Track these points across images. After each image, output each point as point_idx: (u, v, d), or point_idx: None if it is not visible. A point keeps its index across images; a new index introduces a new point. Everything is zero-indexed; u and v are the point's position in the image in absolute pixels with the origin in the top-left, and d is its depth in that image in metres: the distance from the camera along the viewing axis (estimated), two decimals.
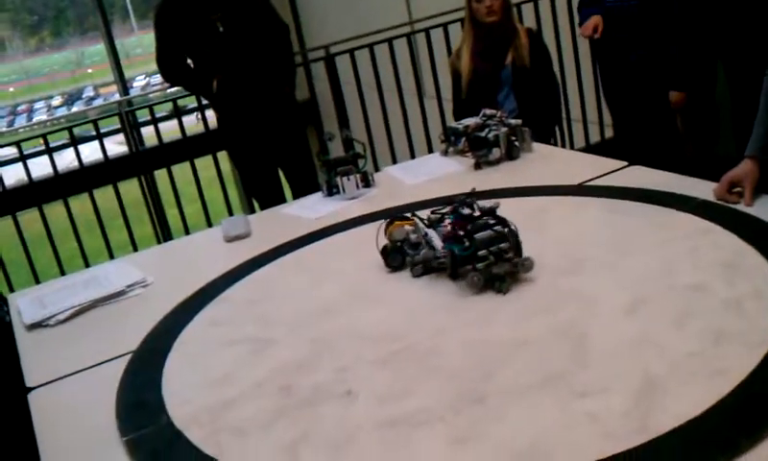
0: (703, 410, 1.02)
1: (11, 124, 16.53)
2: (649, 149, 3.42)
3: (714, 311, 1.28)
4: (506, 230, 1.52)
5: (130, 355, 1.58)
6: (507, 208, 1.98)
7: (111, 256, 4.00)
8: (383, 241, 1.72)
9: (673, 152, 3.60)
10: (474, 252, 1.51)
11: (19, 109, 18.93)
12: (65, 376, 1.56)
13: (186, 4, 3.32)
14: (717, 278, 1.38)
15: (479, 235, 1.51)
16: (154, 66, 3.58)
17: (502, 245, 1.51)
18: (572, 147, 4.49)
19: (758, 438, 0.96)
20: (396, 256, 1.70)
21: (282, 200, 3.51)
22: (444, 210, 1.66)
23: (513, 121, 2.46)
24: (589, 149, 4.46)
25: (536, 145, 2.50)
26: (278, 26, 3.54)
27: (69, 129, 4.17)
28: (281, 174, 3.69)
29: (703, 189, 1.80)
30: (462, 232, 1.53)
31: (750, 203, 1.66)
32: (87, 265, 3.97)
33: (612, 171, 2.12)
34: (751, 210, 1.64)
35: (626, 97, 3.65)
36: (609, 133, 4.47)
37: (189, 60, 3.47)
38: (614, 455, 0.97)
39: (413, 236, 1.70)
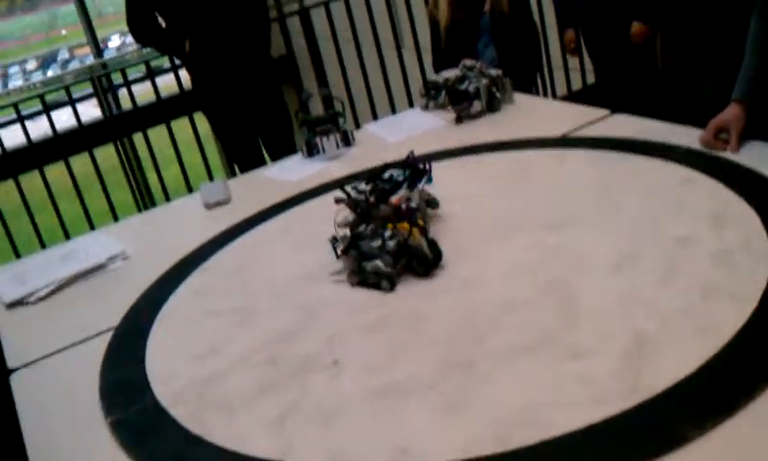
0: (694, 369, 1.01)
1: None
2: (631, 93, 3.39)
3: (703, 264, 1.25)
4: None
5: (112, 332, 1.55)
6: (489, 163, 1.97)
7: (92, 226, 3.93)
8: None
9: (655, 93, 3.56)
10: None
11: None
12: (47, 356, 1.53)
13: None
14: (705, 229, 1.36)
15: None
16: None
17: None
18: (554, 95, 4.44)
19: (752, 395, 0.94)
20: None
21: (262, 162, 3.45)
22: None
23: (493, 71, 2.42)
24: (572, 96, 4.41)
25: (517, 96, 2.46)
26: None
27: (41, 96, 4.05)
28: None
29: (688, 135, 1.78)
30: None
31: (736, 150, 1.62)
32: (68, 236, 3.91)
33: (595, 121, 2.09)
34: (736, 157, 1.61)
35: (605, 41, 3.61)
36: (591, 78, 4.42)
37: (161, 19, 3.37)
38: (607, 419, 0.96)
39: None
